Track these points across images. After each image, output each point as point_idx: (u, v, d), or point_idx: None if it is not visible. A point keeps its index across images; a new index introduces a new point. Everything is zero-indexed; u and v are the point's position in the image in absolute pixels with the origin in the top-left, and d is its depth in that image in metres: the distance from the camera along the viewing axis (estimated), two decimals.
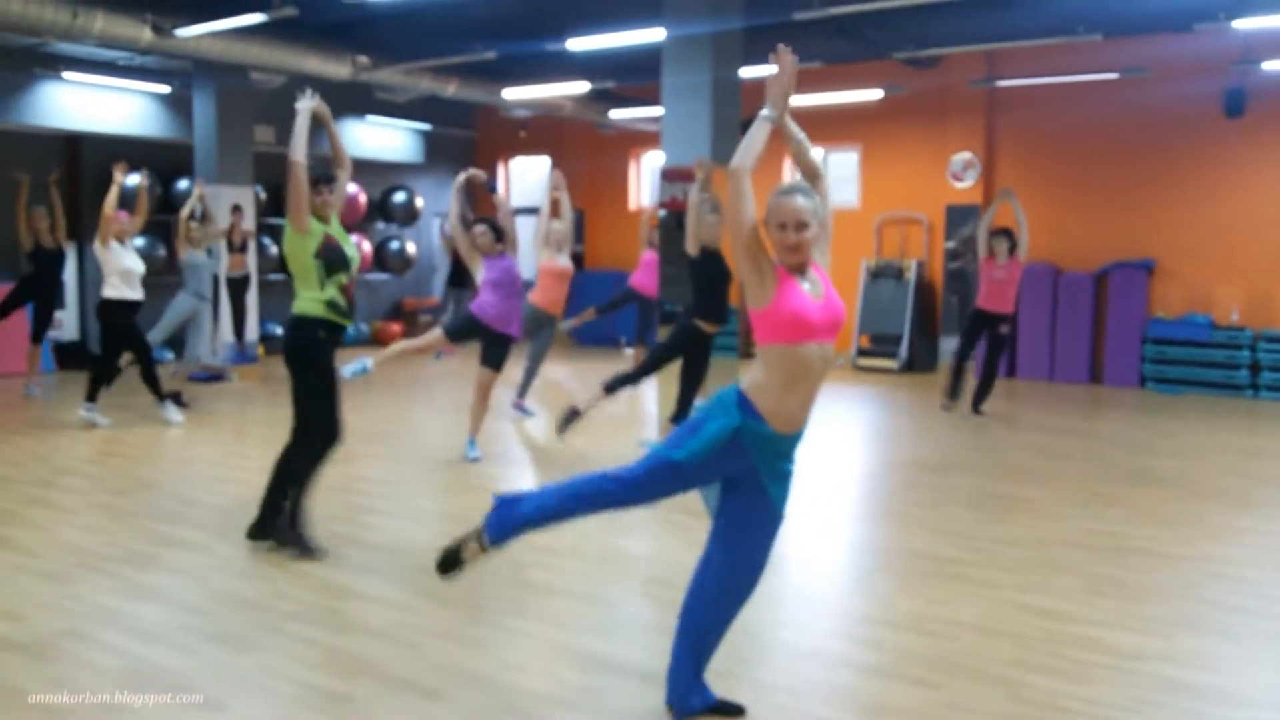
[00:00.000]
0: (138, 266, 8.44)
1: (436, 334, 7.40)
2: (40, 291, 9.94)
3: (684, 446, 3.13)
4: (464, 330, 7.37)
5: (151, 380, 8.58)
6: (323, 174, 5.16)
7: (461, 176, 7.53)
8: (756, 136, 3.16)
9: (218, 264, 10.64)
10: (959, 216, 12.94)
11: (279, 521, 5.21)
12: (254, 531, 5.26)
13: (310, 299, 5.10)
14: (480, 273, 7.24)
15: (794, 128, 3.34)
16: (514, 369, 8.80)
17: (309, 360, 5.11)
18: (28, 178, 9.82)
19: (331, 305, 5.10)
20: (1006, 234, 9.21)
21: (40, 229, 9.78)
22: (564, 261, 8.72)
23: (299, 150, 4.99)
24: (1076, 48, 10.48)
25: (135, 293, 8.42)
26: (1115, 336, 11.88)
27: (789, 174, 14.67)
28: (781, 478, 3.22)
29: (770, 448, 3.14)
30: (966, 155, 12.90)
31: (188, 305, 10.24)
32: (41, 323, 10.03)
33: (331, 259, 5.08)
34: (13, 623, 4.21)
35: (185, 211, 9.78)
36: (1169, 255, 11.89)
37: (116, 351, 8.58)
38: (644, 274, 11.00)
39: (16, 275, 11.83)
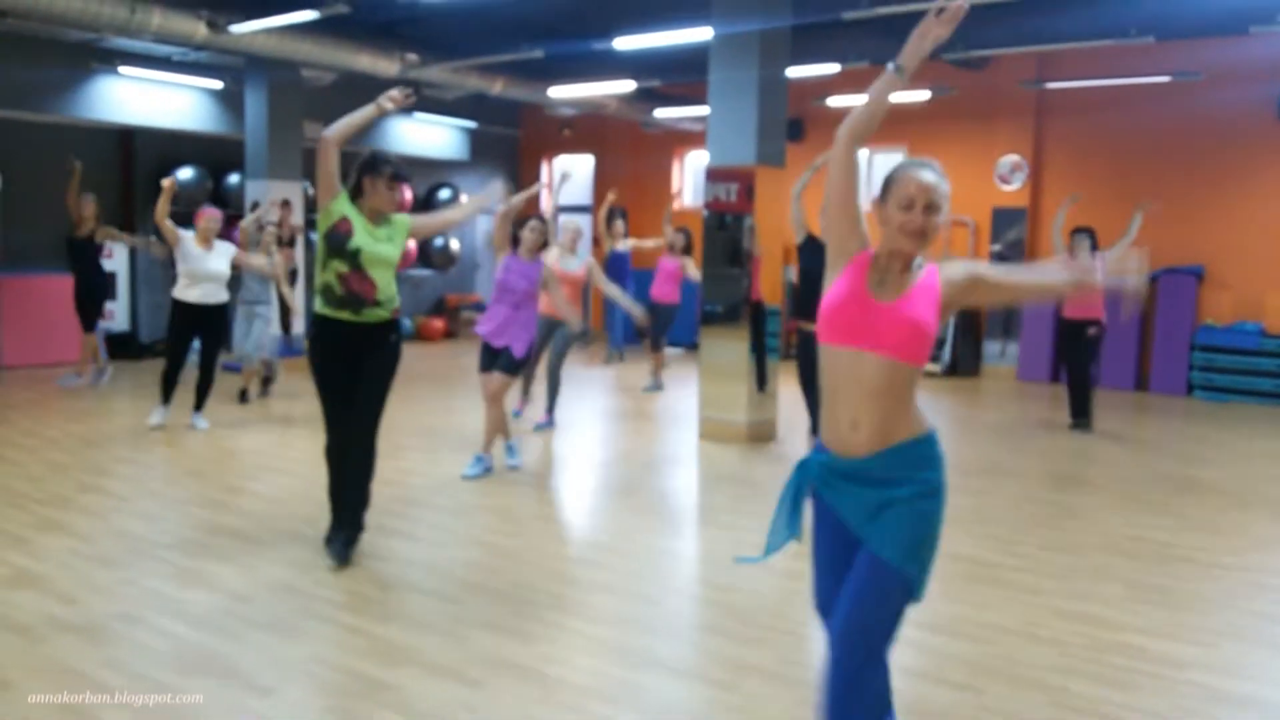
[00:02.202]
0: (199, 269, 8.01)
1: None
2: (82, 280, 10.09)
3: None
4: (485, 360, 6.87)
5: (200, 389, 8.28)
6: (397, 172, 4.92)
7: (509, 204, 6.64)
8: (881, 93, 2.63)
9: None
10: (1006, 219, 12.83)
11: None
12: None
13: (316, 286, 4.94)
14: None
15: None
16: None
17: (310, 360, 5.00)
18: (80, 164, 10.00)
19: (324, 291, 4.86)
20: (1088, 231, 9.02)
21: (86, 216, 9.93)
22: (567, 267, 8.45)
23: (335, 129, 4.82)
24: (1128, 50, 10.36)
25: (190, 295, 8.03)
26: (1163, 343, 11.72)
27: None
28: (867, 508, 2.60)
29: (830, 473, 2.65)
30: (1014, 158, 12.79)
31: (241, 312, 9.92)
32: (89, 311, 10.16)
33: (333, 242, 4.83)
34: (68, 606, 4.32)
35: (251, 221, 9.89)
36: (1219, 262, 11.72)
37: (170, 347, 8.19)
38: (662, 283, 11.22)
39: (65, 268, 12.13)
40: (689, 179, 16.39)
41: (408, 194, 15.36)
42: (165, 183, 7.84)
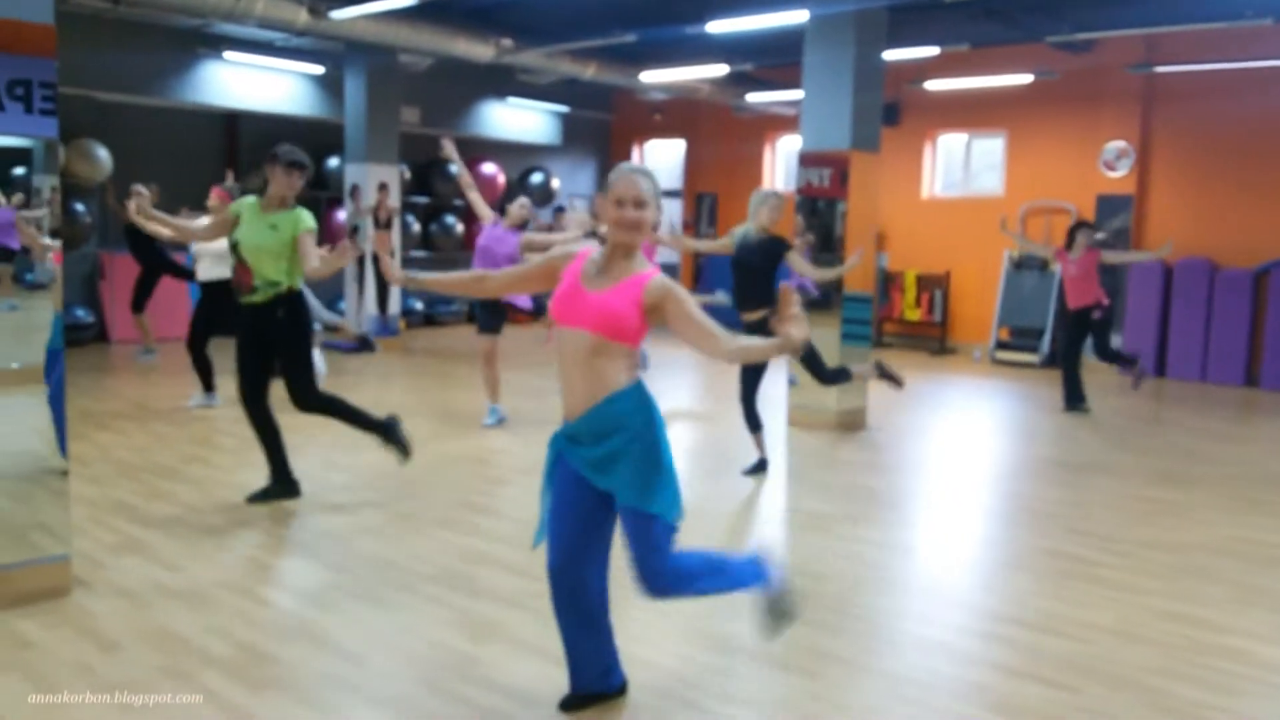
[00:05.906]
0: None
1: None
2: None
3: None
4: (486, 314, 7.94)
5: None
6: (293, 160, 5.30)
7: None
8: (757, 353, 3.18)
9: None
10: (1111, 206, 12.44)
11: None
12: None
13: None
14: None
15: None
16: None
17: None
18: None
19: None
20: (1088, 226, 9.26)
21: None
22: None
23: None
24: (1243, 32, 9.95)
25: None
26: (1274, 338, 11.24)
27: (930, 179, 14.35)
28: (595, 463, 3.14)
29: (565, 440, 3.22)
30: (1120, 144, 12.38)
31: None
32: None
33: (229, 241, 5.39)
34: (174, 573, 4.47)
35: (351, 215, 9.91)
36: None
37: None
38: None
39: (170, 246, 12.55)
40: (780, 163, 16.24)
41: (500, 178, 15.52)
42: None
